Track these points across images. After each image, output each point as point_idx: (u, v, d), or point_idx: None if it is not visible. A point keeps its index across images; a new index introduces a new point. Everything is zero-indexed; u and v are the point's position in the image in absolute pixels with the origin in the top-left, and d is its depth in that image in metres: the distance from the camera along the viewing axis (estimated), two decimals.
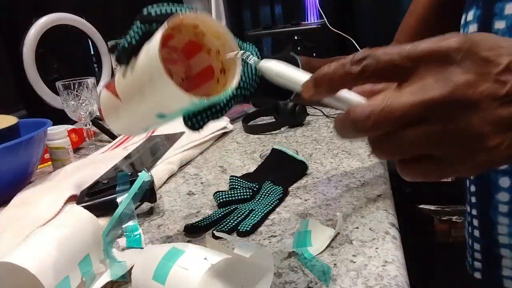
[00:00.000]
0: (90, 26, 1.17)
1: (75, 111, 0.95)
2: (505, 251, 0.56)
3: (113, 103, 0.43)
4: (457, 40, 0.27)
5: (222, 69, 0.42)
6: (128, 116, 0.44)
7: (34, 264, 0.40)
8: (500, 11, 0.48)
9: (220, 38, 0.40)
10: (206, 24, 0.39)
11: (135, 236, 0.54)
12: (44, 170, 0.90)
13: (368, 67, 0.28)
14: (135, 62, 0.39)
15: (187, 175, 0.78)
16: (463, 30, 0.53)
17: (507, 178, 0.51)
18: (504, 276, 0.57)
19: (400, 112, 0.27)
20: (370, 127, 0.27)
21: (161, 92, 0.37)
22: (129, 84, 0.40)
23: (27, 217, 0.63)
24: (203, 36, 0.41)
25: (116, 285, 0.46)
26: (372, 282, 0.41)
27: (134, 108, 0.42)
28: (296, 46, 1.50)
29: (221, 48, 0.41)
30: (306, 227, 0.49)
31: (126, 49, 0.40)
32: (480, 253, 0.60)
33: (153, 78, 0.37)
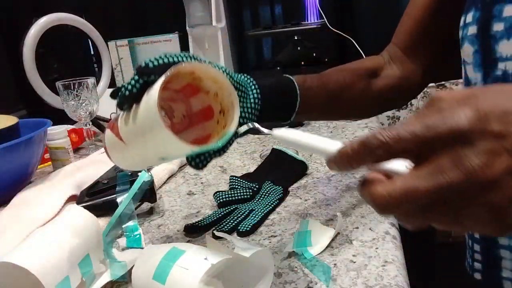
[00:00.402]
0: (90, 26, 1.16)
1: (75, 111, 0.95)
2: (505, 252, 0.56)
3: (117, 145, 0.44)
4: (468, 119, 0.26)
5: (221, 110, 0.43)
6: (132, 158, 0.45)
7: (34, 264, 0.40)
8: (499, 13, 0.48)
9: (217, 82, 0.41)
10: (201, 71, 0.41)
11: (135, 236, 0.54)
12: (44, 170, 0.90)
13: (381, 158, 0.28)
14: (136, 109, 0.40)
15: (187, 175, 0.78)
16: (462, 31, 0.53)
17: None
18: (503, 277, 0.57)
19: (420, 194, 0.27)
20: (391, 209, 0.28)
21: (162, 141, 0.38)
22: (131, 131, 0.42)
23: (27, 217, 0.63)
24: (201, 80, 0.42)
25: (116, 285, 0.46)
26: (372, 282, 0.41)
27: (139, 152, 0.43)
28: (296, 46, 1.50)
29: (219, 91, 0.42)
30: (306, 227, 0.49)
31: (127, 97, 0.41)
32: (480, 254, 0.60)
33: (153, 129, 0.38)
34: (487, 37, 0.50)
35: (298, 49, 1.49)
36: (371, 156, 0.28)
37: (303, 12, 1.62)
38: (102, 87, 1.20)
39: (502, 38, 0.48)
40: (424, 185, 0.26)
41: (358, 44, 1.39)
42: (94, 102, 0.96)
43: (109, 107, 1.23)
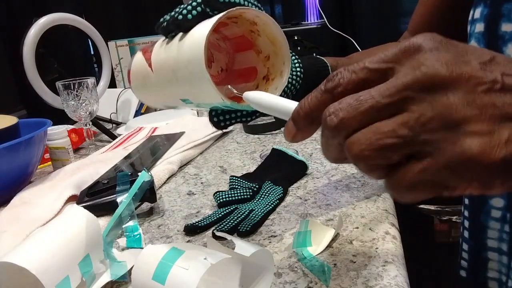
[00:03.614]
0: (90, 26, 1.16)
1: (75, 111, 0.95)
2: (493, 254, 0.56)
3: (144, 71, 0.41)
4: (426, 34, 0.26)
5: (265, 76, 0.39)
6: (155, 90, 0.41)
7: (34, 264, 0.40)
8: (508, 13, 0.46)
9: (275, 45, 0.38)
10: (265, 25, 0.37)
11: (135, 236, 0.54)
12: (44, 170, 0.90)
13: (339, 85, 0.26)
14: (180, 40, 0.37)
15: (187, 175, 0.78)
16: (470, 27, 0.51)
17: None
18: (489, 278, 0.57)
19: (369, 104, 0.24)
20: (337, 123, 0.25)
21: (195, 82, 0.35)
22: (165, 60, 0.38)
23: (27, 217, 0.63)
24: (258, 35, 0.38)
25: (116, 285, 0.46)
26: (372, 282, 0.41)
27: (163, 85, 0.39)
28: (296, 46, 1.50)
29: (272, 55, 0.38)
30: (306, 227, 0.49)
31: (178, 22, 0.37)
32: (467, 253, 0.60)
33: (190, 65, 0.35)
34: (494, 36, 0.47)
35: (298, 49, 1.49)
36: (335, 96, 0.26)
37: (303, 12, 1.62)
38: (102, 87, 1.20)
39: (511, 40, 0.46)
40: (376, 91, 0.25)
41: (358, 44, 1.39)
42: (94, 102, 0.96)
43: (109, 107, 1.24)
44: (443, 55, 0.24)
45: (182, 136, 0.93)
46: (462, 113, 0.23)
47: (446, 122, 0.23)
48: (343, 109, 0.25)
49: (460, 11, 0.56)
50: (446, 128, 0.23)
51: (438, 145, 0.23)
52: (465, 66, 0.24)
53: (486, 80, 0.23)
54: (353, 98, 0.25)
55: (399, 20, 1.49)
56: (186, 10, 0.37)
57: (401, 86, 0.24)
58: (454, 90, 0.23)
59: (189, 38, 0.36)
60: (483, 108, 0.23)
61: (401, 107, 0.24)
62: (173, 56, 0.37)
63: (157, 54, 0.40)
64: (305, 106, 0.28)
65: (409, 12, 0.67)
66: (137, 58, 0.43)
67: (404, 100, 0.24)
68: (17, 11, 1.72)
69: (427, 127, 0.23)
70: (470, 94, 0.23)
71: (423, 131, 0.24)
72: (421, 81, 0.24)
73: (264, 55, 0.39)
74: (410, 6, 1.39)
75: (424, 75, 0.24)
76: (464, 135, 0.23)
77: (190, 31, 0.36)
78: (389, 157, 0.25)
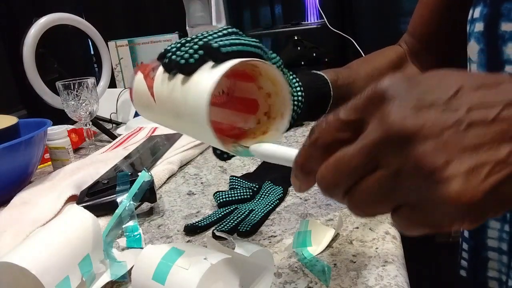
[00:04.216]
0: (90, 26, 1.16)
1: (75, 111, 0.95)
2: (493, 254, 0.56)
3: (146, 98, 0.41)
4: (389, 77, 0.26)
5: (267, 113, 0.40)
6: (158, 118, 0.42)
7: (34, 264, 0.40)
8: (508, 12, 0.45)
9: (276, 86, 0.38)
10: (266, 70, 0.38)
11: (135, 236, 0.54)
12: (44, 170, 0.90)
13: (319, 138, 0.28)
14: (183, 83, 0.37)
15: (187, 175, 0.78)
16: (469, 26, 0.51)
17: None
18: (489, 277, 0.57)
19: (346, 164, 0.26)
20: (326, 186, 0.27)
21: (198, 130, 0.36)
22: (168, 99, 0.38)
23: (27, 217, 0.63)
24: (260, 74, 0.39)
25: (116, 285, 0.46)
26: (372, 282, 0.41)
27: (167, 119, 0.40)
28: (296, 46, 1.50)
29: (273, 94, 0.39)
30: (306, 227, 0.49)
31: (180, 66, 0.37)
32: (467, 253, 0.60)
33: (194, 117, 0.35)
34: (494, 36, 0.47)
35: (298, 49, 1.49)
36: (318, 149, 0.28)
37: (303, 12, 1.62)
38: (102, 87, 1.20)
39: (511, 39, 0.46)
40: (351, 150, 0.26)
41: (358, 44, 1.39)
42: (94, 102, 0.96)
43: (109, 107, 1.24)
44: (405, 104, 0.25)
45: (182, 136, 0.93)
46: (433, 162, 0.23)
47: (420, 173, 0.24)
48: (329, 173, 0.27)
49: (460, 11, 0.55)
50: (422, 179, 0.24)
51: (420, 194, 0.24)
52: (428, 113, 0.24)
53: (449, 124, 0.24)
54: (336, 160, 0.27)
55: (399, 20, 1.49)
56: (188, 54, 0.37)
57: (371, 145, 0.25)
58: (421, 141, 0.24)
59: (193, 89, 0.36)
60: (452, 150, 0.23)
61: (378, 163, 0.25)
62: (177, 99, 0.37)
63: (159, 88, 0.40)
64: (299, 161, 0.30)
65: (409, 12, 0.67)
66: (138, 80, 0.43)
67: (378, 157, 0.25)
68: (17, 11, 1.72)
69: (405, 179, 0.24)
70: (437, 140, 0.23)
71: (403, 183, 0.24)
72: (389, 138, 0.24)
73: (265, 92, 0.40)
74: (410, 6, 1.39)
75: (390, 131, 0.24)
76: (439, 183, 0.23)
77: (193, 77, 0.36)
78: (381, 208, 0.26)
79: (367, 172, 0.26)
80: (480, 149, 0.23)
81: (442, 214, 0.24)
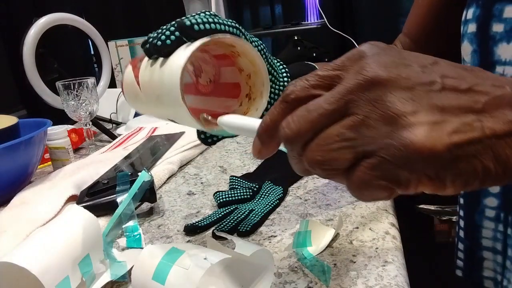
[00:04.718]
0: (90, 26, 1.16)
1: (75, 111, 0.95)
2: (488, 253, 0.56)
3: (134, 87, 0.42)
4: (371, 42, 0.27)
5: (248, 95, 0.41)
6: (145, 106, 0.43)
7: (34, 264, 0.40)
8: (499, 13, 0.46)
9: (254, 66, 0.39)
10: (243, 48, 0.38)
11: (135, 236, 0.54)
12: (44, 170, 0.90)
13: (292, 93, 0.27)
14: (162, 64, 0.38)
15: (187, 175, 0.78)
16: (463, 27, 0.52)
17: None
18: (484, 277, 0.57)
19: (318, 112, 0.26)
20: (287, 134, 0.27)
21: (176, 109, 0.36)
22: (150, 83, 0.39)
23: (27, 217, 0.63)
24: (238, 55, 0.39)
25: (116, 285, 0.46)
26: (372, 282, 0.41)
27: (151, 105, 0.41)
28: (296, 46, 1.50)
29: (253, 75, 0.40)
30: (306, 227, 0.49)
31: (157, 48, 0.38)
32: (463, 253, 0.60)
33: (171, 94, 0.36)
34: (486, 37, 0.48)
35: (298, 49, 1.49)
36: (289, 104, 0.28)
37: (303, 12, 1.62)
38: (102, 87, 1.20)
39: (501, 40, 0.46)
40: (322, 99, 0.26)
41: (358, 44, 1.39)
42: (94, 102, 0.96)
43: (109, 107, 1.24)
44: (383, 58, 0.25)
45: (182, 136, 0.93)
46: (401, 108, 0.24)
47: (386, 119, 0.24)
48: (295, 121, 0.27)
49: (454, 12, 0.56)
50: (387, 125, 0.24)
51: (382, 141, 0.24)
52: (405, 68, 0.25)
53: (424, 81, 0.24)
54: (303, 108, 0.27)
55: (399, 20, 1.49)
56: (164, 35, 0.38)
57: (344, 91, 0.25)
58: (393, 90, 0.24)
59: (168, 68, 0.37)
60: (421, 103, 0.24)
61: (347, 111, 0.25)
62: (156, 81, 0.38)
63: (142, 74, 0.41)
64: (266, 120, 0.29)
65: (409, 12, 0.67)
66: (127, 72, 0.44)
67: (348, 104, 0.25)
68: (17, 11, 1.72)
69: (370, 127, 0.24)
70: (409, 92, 0.24)
71: (367, 131, 0.25)
72: (361, 85, 0.25)
73: (245, 73, 0.40)
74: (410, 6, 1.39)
75: (364, 78, 0.25)
76: (404, 127, 0.23)
77: (169, 58, 0.37)
78: (341, 160, 0.26)
79: (333, 121, 0.26)
80: (447, 111, 0.24)
81: (401, 164, 0.24)
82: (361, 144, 0.25)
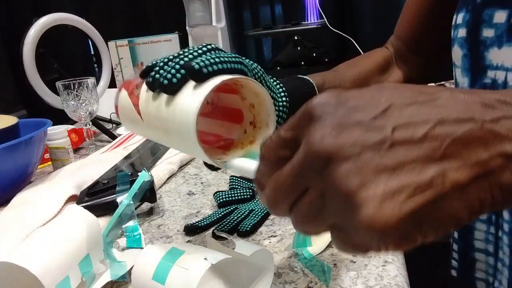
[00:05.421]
0: (90, 26, 1.16)
1: (75, 111, 0.95)
2: (480, 255, 0.56)
3: (133, 115, 0.42)
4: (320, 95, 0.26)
5: (252, 123, 0.41)
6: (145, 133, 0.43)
7: (34, 264, 0.40)
8: (488, 19, 0.46)
9: (258, 97, 0.39)
10: (248, 84, 0.38)
11: (135, 236, 0.54)
12: (44, 170, 0.90)
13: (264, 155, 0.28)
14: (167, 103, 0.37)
15: (187, 175, 0.78)
16: (453, 32, 0.52)
17: None
18: (477, 278, 0.57)
19: (282, 184, 0.26)
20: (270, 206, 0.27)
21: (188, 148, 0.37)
22: (156, 118, 0.39)
23: (27, 217, 0.63)
24: (242, 87, 0.40)
25: (116, 285, 0.46)
26: (372, 282, 0.41)
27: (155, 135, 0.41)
28: (296, 46, 1.50)
29: (257, 105, 0.40)
30: None
31: (164, 87, 0.38)
32: (457, 254, 0.60)
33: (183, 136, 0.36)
34: (476, 42, 0.48)
35: (298, 49, 1.49)
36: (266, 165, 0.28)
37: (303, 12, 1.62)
38: (102, 87, 1.20)
39: (492, 45, 0.46)
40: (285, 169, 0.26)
41: (358, 44, 1.39)
42: (94, 102, 0.96)
43: (109, 107, 1.24)
44: (328, 123, 0.24)
45: None
46: (349, 184, 0.22)
47: (338, 196, 0.23)
48: (270, 194, 0.27)
49: (445, 15, 0.56)
50: (341, 202, 0.23)
51: (341, 219, 0.24)
52: (350, 131, 0.23)
53: (372, 142, 0.22)
54: (274, 180, 0.26)
55: None
56: (170, 74, 0.37)
57: (297, 167, 0.25)
58: (339, 163, 0.22)
59: (178, 110, 0.36)
60: (370, 171, 0.22)
61: (308, 183, 0.25)
62: (164, 119, 0.38)
63: (145, 106, 0.40)
64: (255, 177, 0.29)
65: None
66: (123, 96, 0.43)
67: (306, 178, 0.25)
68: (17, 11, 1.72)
69: (328, 203, 0.24)
70: (355, 161, 0.22)
71: (328, 207, 0.24)
72: (310, 159, 0.24)
73: (248, 102, 0.41)
74: None
75: (310, 152, 0.24)
76: (355, 205, 0.22)
77: (178, 97, 0.37)
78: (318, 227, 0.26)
79: (301, 192, 0.25)
80: (400, 171, 0.22)
81: (363, 238, 0.23)
82: (328, 217, 0.25)
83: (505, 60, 0.45)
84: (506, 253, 0.50)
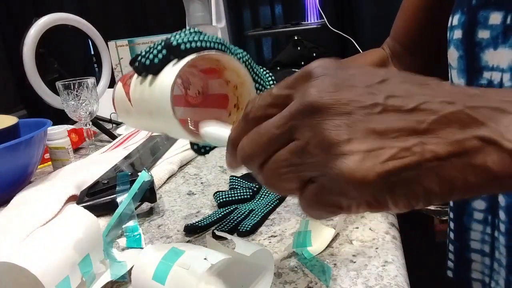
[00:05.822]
0: (90, 26, 1.16)
1: (75, 111, 0.95)
2: (476, 256, 0.56)
3: (125, 103, 0.44)
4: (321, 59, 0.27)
5: (236, 105, 0.42)
6: (138, 121, 0.45)
7: (34, 264, 0.40)
8: (484, 20, 0.46)
9: (240, 77, 0.41)
10: (228, 62, 0.40)
11: (135, 236, 0.54)
12: (44, 170, 0.90)
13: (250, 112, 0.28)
14: (151, 82, 0.39)
15: (187, 175, 0.78)
16: (449, 33, 0.52)
17: None
18: (473, 278, 0.57)
19: (266, 137, 0.26)
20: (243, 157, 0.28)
21: (169, 124, 0.38)
22: (141, 100, 0.41)
23: (27, 217, 0.63)
24: (224, 69, 0.41)
25: (116, 285, 0.46)
26: (372, 282, 0.41)
27: (144, 120, 0.43)
28: (296, 46, 1.49)
29: (239, 86, 0.41)
30: (306, 227, 0.49)
31: (146, 67, 0.40)
32: (453, 254, 0.60)
33: (162, 111, 0.37)
34: (472, 43, 0.48)
35: (298, 49, 1.49)
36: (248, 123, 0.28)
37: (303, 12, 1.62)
38: (102, 87, 1.20)
39: (488, 46, 0.46)
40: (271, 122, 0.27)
41: (358, 44, 1.39)
42: (94, 102, 0.96)
43: (109, 107, 1.23)
44: (327, 81, 0.25)
45: None
46: (336, 136, 0.24)
47: (323, 146, 0.24)
48: (247, 144, 0.28)
49: (440, 18, 0.56)
50: (324, 152, 0.24)
51: (321, 168, 0.25)
52: (347, 91, 0.25)
53: (364, 104, 0.24)
54: (255, 131, 0.27)
55: None
56: (152, 54, 0.39)
57: (288, 116, 0.26)
58: (330, 116, 0.24)
59: (158, 85, 0.38)
60: (358, 129, 0.24)
61: (292, 136, 0.26)
62: (147, 98, 0.40)
63: (133, 92, 0.42)
64: (231, 135, 0.30)
65: None
66: (118, 88, 0.46)
67: (292, 129, 0.26)
68: (17, 11, 1.72)
69: (310, 153, 0.25)
70: (346, 118, 0.24)
71: (308, 157, 0.25)
72: (302, 110, 0.25)
73: (232, 85, 0.42)
74: None
75: (305, 103, 0.25)
76: (337, 156, 0.23)
77: (159, 75, 0.39)
78: (290, 184, 0.27)
79: (282, 145, 0.26)
80: (386, 135, 0.23)
81: (339, 192, 0.24)
82: (304, 169, 0.26)
83: (500, 61, 0.46)
84: (503, 254, 0.50)
